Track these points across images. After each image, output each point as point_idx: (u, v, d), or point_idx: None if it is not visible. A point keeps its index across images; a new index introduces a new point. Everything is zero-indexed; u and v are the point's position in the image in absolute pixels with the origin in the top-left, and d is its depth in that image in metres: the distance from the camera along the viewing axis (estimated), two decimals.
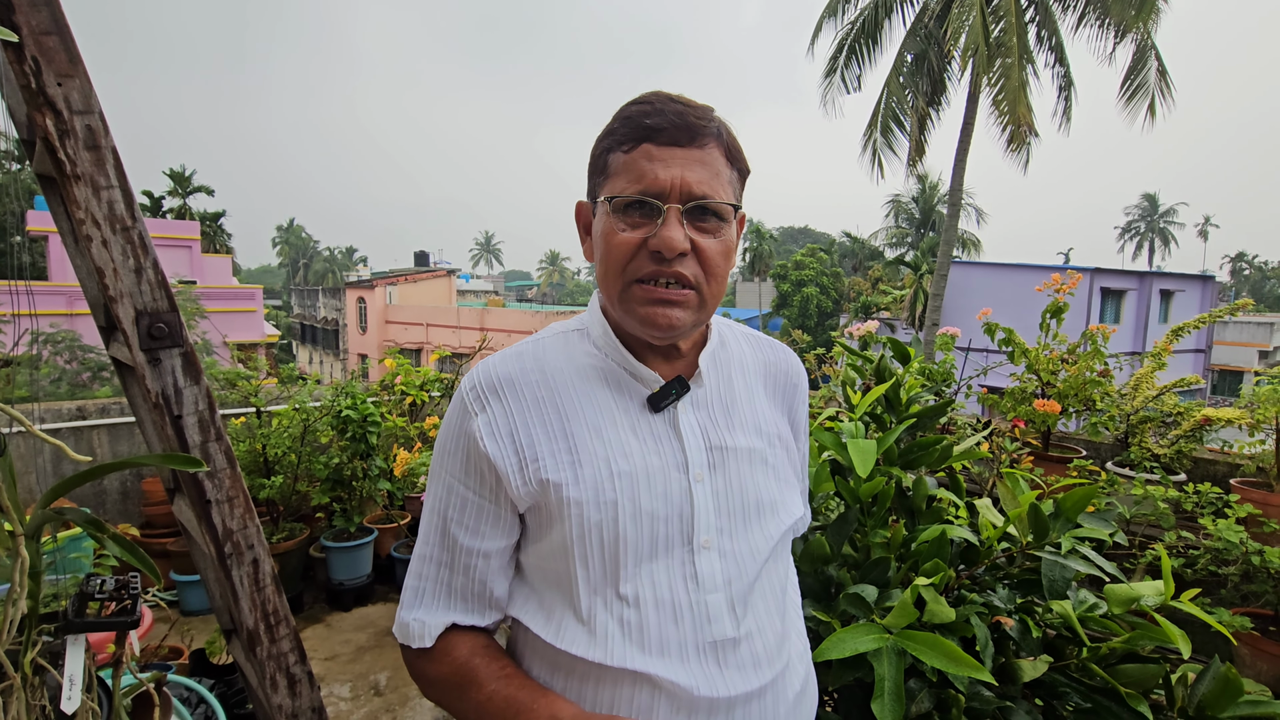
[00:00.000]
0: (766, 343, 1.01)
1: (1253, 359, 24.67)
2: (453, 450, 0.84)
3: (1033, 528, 1.37)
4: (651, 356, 0.86)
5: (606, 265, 0.80)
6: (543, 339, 0.89)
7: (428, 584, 0.85)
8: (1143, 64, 11.11)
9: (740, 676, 0.78)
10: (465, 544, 0.82)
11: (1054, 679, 1.35)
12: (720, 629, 0.78)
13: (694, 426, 0.84)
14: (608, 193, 0.79)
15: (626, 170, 0.77)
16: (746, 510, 0.84)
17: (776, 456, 0.91)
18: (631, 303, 0.79)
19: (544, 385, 0.82)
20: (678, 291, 0.78)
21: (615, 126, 0.79)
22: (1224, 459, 2.96)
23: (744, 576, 0.82)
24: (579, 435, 0.80)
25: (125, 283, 1.24)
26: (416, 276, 30.36)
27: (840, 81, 13.09)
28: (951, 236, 13.01)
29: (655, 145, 0.76)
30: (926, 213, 33.68)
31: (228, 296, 17.36)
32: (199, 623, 3.35)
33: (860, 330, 3.22)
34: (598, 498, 0.77)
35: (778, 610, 0.87)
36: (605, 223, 0.79)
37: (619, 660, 0.75)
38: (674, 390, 0.84)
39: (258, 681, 1.44)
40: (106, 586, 1.15)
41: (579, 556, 0.77)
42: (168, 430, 1.29)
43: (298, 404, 3.72)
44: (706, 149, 0.78)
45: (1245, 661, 2.14)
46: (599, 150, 0.82)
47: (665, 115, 0.76)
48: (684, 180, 0.75)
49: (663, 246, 0.75)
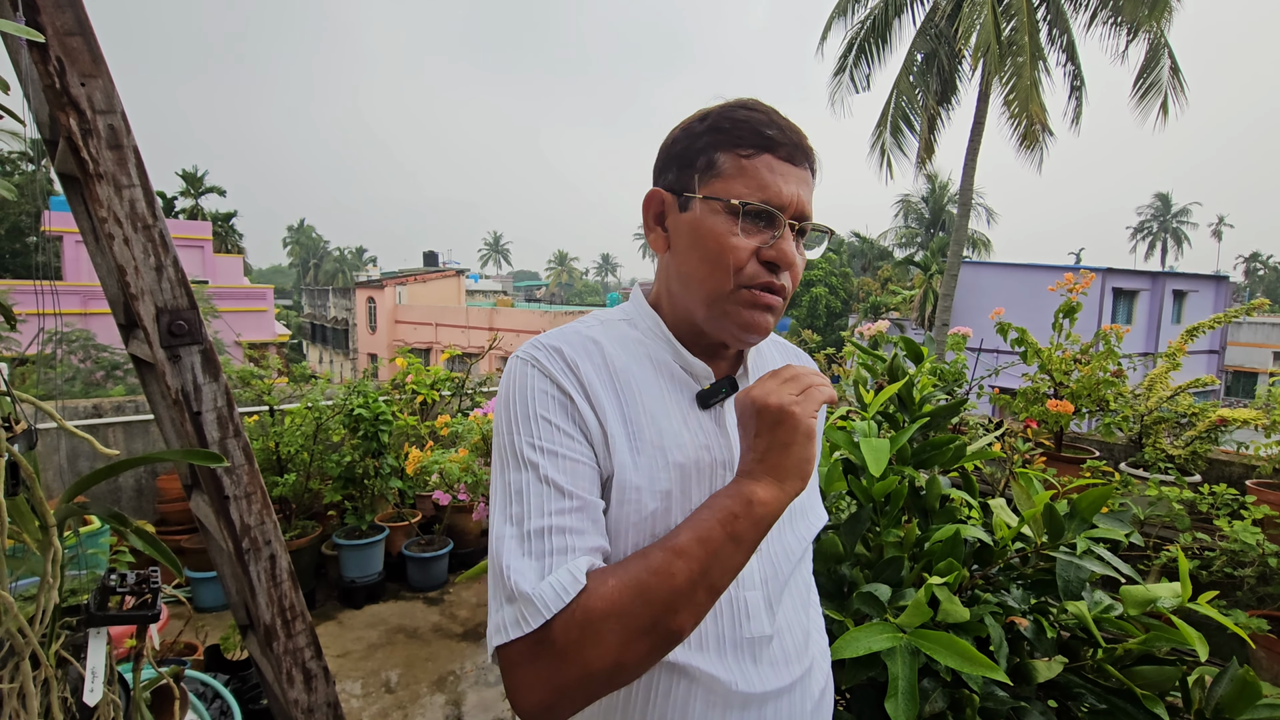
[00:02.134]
0: (791, 349, 1.04)
1: (1267, 360, 24.39)
2: (544, 414, 0.74)
3: (1048, 528, 1.37)
4: (697, 355, 0.87)
5: (715, 264, 0.78)
6: (592, 324, 0.87)
7: (556, 553, 0.68)
8: (1155, 62, 11.01)
9: (773, 673, 0.80)
10: (592, 499, 0.73)
11: (1069, 680, 1.34)
12: (758, 626, 0.80)
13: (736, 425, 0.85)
14: (722, 193, 0.78)
15: (746, 176, 0.77)
16: None
17: None
18: (735, 304, 0.79)
19: (603, 366, 0.81)
20: (776, 299, 0.80)
21: (726, 126, 0.79)
22: (1240, 460, 2.94)
23: (779, 575, 0.83)
24: (635, 420, 0.79)
25: (146, 280, 1.25)
26: (426, 276, 30.49)
27: (849, 81, 13.05)
28: (962, 236, 12.94)
29: (775, 158, 0.78)
30: (936, 212, 33.50)
31: (239, 296, 17.50)
32: (213, 619, 3.38)
33: (871, 330, 3.21)
34: (653, 486, 0.77)
35: (804, 609, 0.90)
36: (715, 222, 0.78)
37: None
38: (724, 389, 0.85)
39: (274, 676, 1.45)
40: (128, 581, 1.16)
41: (632, 545, 0.75)
42: (187, 426, 1.30)
43: (310, 402, 3.75)
44: (808, 172, 0.81)
45: (1261, 664, 2.12)
46: (701, 145, 0.80)
47: (784, 131, 0.78)
48: (799, 199, 0.78)
49: (782, 260, 0.78)
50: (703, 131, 0.80)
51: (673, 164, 0.83)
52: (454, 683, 3.03)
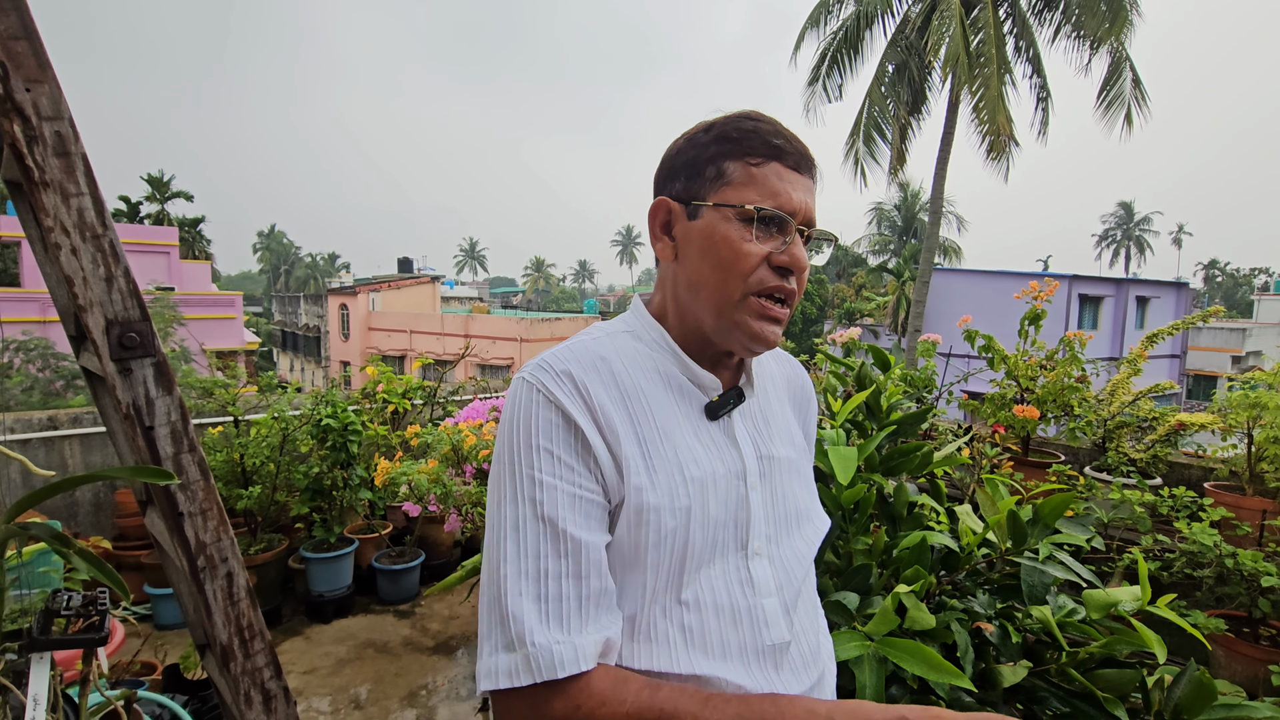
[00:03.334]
0: (785, 358, 1.05)
1: (1226, 364, 25.18)
2: (545, 445, 0.74)
3: (1011, 534, 1.38)
4: (702, 364, 0.86)
5: (728, 270, 0.78)
6: (598, 338, 0.85)
7: (558, 604, 0.69)
8: (1118, 75, 11.34)
9: (794, 678, 0.81)
10: (588, 540, 0.72)
11: (1034, 684, 1.35)
12: (778, 633, 0.80)
13: (745, 436, 0.86)
14: (733, 200, 0.78)
15: (756, 183, 0.78)
16: (789, 518, 0.88)
17: (805, 468, 0.95)
18: (746, 314, 0.79)
19: (613, 384, 0.80)
20: (783, 310, 0.81)
21: (735, 136, 0.80)
22: (1198, 463, 3.02)
23: (793, 582, 0.84)
24: (649, 438, 0.78)
25: (95, 291, 1.21)
26: (400, 283, 30.13)
27: (822, 90, 13.22)
28: (933, 244, 13.16)
29: (784, 166, 0.79)
30: (909, 220, 34.06)
31: (207, 303, 17.13)
32: (173, 637, 3.28)
33: (844, 337, 3.24)
34: (673, 504, 0.76)
35: (815, 613, 0.92)
36: (727, 228, 0.79)
37: (684, 666, 0.74)
38: (732, 399, 0.85)
39: (232, 698, 1.40)
40: (73, 603, 1.12)
41: (652, 565, 0.75)
42: (139, 442, 1.26)
43: (276, 413, 3.67)
44: (813, 181, 0.83)
45: (1220, 663, 2.18)
46: (710, 154, 0.81)
47: (790, 141, 0.80)
48: (807, 206, 0.80)
49: (794, 264, 0.79)
50: (709, 141, 0.81)
51: (680, 173, 0.83)
52: (425, 697, 2.98)
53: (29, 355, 9.94)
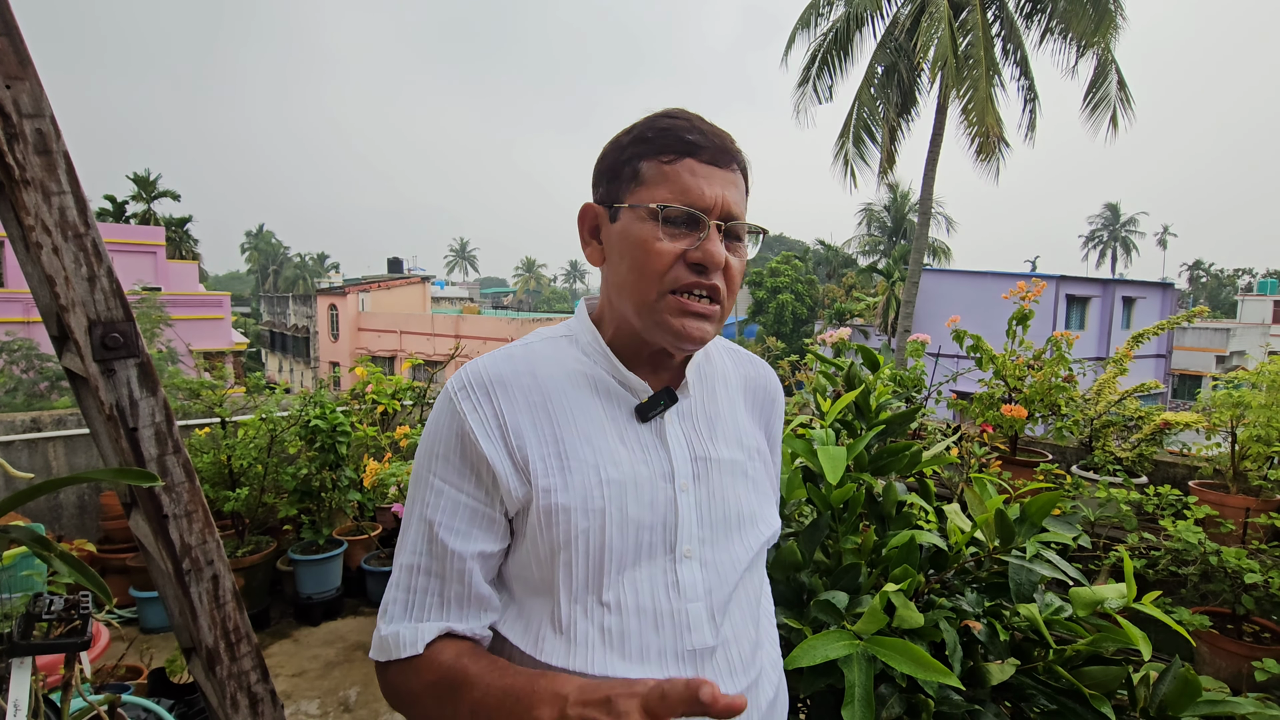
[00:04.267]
0: (746, 357, 1.03)
1: (1210, 364, 25.49)
2: (443, 452, 0.80)
3: (999, 532, 1.39)
4: (640, 367, 0.87)
5: (641, 271, 0.79)
6: (531, 344, 0.88)
7: (418, 596, 0.80)
8: (1104, 78, 11.47)
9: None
10: (458, 549, 0.78)
11: (1021, 681, 1.36)
12: (700, 638, 0.79)
13: (679, 437, 0.85)
14: (645, 200, 0.79)
15: (668, 181, 0.78)
16: (728, 521, 0.86)
17: (756, 469, 0.93)
18: (664, 313, 0.79)
19: (535, 389, 0.82)
20: (708, 306, 0.80)
21: (649, 136, 0.80)
22: (1183, 461, 3.05)
23: (724, 586, 0.82)
24: (569, 441, 0.80)
25: (78, 291, 1.20)
26: (390, 283, 29.99)
27: (813, 92, 13.29)
28: (922, 244, 13.25)
29: (698, 162, 0.78)
30: (898, 221, 34.26)
31: (194, 304, 16.99)
32: (160, 640, 3.25)
33: (834, 337, 3.25)
34: (586, 505, 0.77)
35: (753, 620, 0.89)
36: (640, 229, 0.79)
37: (599, 668, 0.75)
38: (662, 401, 0.85)
39: (218, 701, 1.39)
40: (55, 607, 1.10)
41: (564, 564, 0.77)
42: (123, 443, 1.24)
43: (264, 414, 3.65)
44: (735, 173, 0.82)
45: (1205, 659, 2.20)
46: (626, 156, 0.81)
47: (706, 135, 0.79)
48: (724, 199, 0.79)
49: (708, 260, 0.77)
50: (628, 143, 0.82)
51: (603, 177, 0.84)
52: None
53: (12, 356, 9.82)
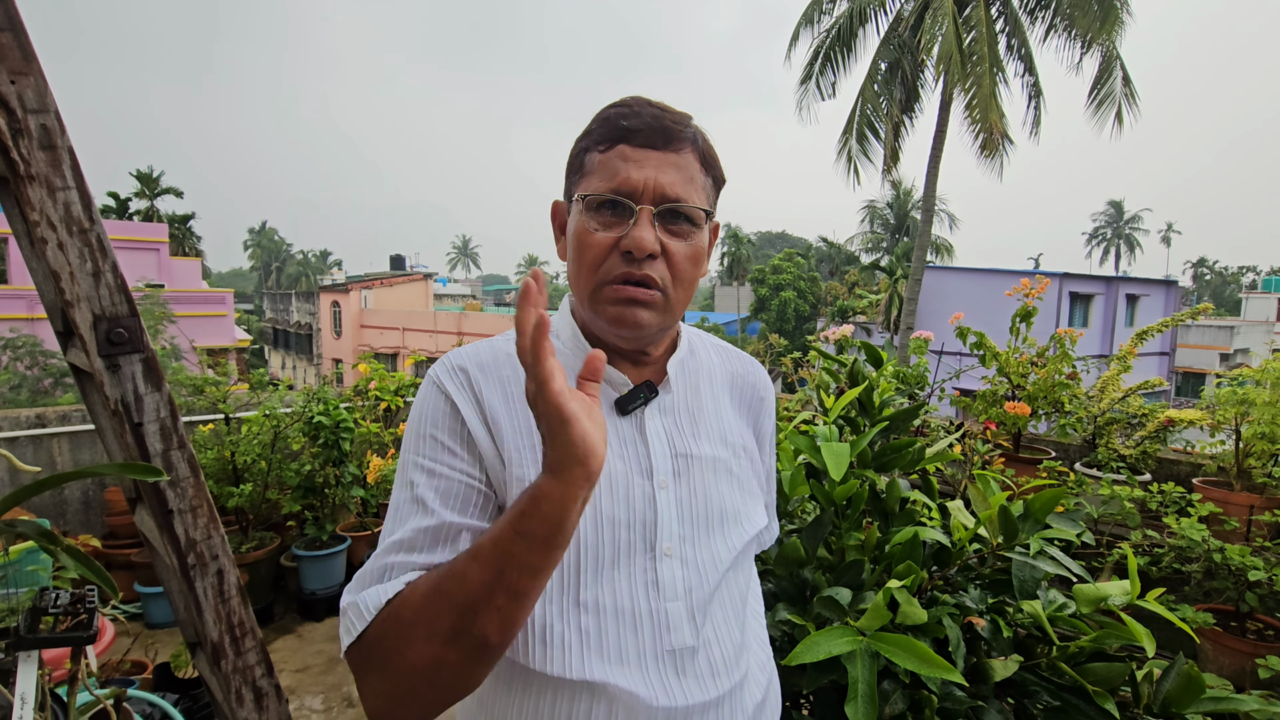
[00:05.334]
0: (735, 354, 1.01)
1: (1214, 362, 25.38)
2: (431, 432, 0.77)
3: (1002, 529, 1.39)
4: (620, 361, 0.86)
5: (579, 265, 0.80)
6: (509, 336, 0.87)
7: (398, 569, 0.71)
8: (1108, 74, 11.41)
9: (698, 686, 0.77)
10: (453, 520, 0.73)
11: (1024, 678, 1.36)
12: (680, 637, 0.77)
13: (660, 432, 0.84)
14: (582, 191, 0.79)
15: (601, 170, 0.78)
16: (710, 519, 0.84)
17: (741, 467, 0.91)
18: (601, 303, 0.79)
19: (513, 380, 0.81)
20: (645, 292, 0.78)
21: (593, 127, 0.80)
22: (1187, 459, 3.04)
23: (704, 585, 0.80)
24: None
25: (83, 287, 1.20)
26: (392, 280, 30.03)
27: (816, 88, 13.24)
28: (925, 242, 13.21)
29: (631, 146, 0.77)
30: (901, 218, 34.18)
31: (197, 300, 17.01)
32: (165, 635, 3.26)
33: (836, 334, 3.25)
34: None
35: (737, 620, 0.86)
36: (578, 221, 0.79)
37: (576, 671, 0.73)
38: (642, 394, 0.84)
39: (223, 696, 1.40)
40: (61, 601, 1.11)
41: None
42: (128, 438, 1.25)
43: (268, 410, 3.65)
44: (681, 153, 0.78)
45: (1208, 656, 2.20)
46: (576, 150, 0.82)
47: (642, 117, 0.77)
48: (657, 182, 0.76)
49: (633, 246, 0.75)
50: (580, 137, 0.83)
51: (566, 174, 0.85)
52: None
53: (17, 353, 9.85)
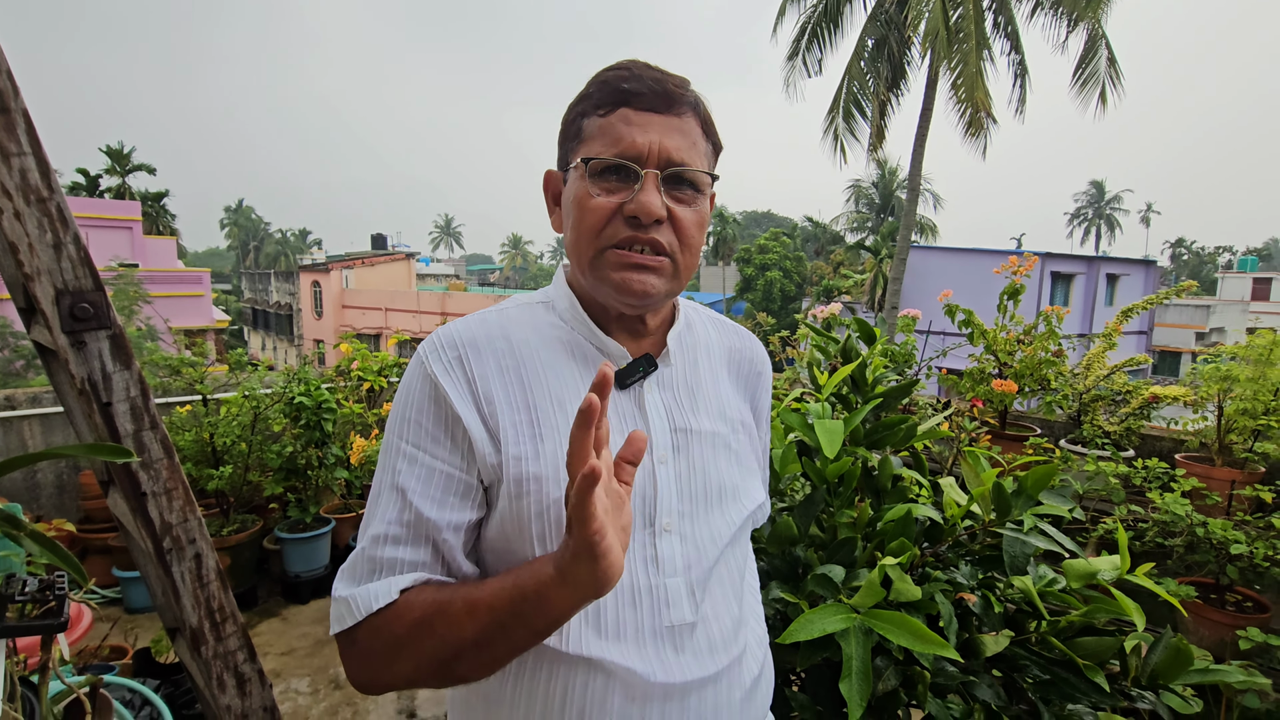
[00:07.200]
0: (732, 328, 0.99)
1: (1190, 340, 25.85)
2: (415, 416, 0.76)
3: (996, 505, 1.38)
4: (618, 332, 0.83)
5: (579, 230, 0.77)
6: (506, 309, 0.85)
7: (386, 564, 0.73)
8: (1094, 53, 11.39)
9: (696, 662, 0.76)
10: (433, 517, 0.73)
11: (1015, 652, 1.37)
12: (679, 613, 0.76)
13: (659, 407, 0.82)
14: (582, 155, 0.76)
15: (603, 134, 0.75)
16: (709, 495, 0.83)
17: (739, 442, 0.90)
18: (605, 269, 0.76)
19: (508, 354, 0.79)
20: (653, 258, 0.76)
21: (590, 91, 0.77)
22: (1169, 435, 3.08)
23: (704, 561, 0.80)
24: (541, 407, 0.77)
25: (43, 259, 1.14)
26: (374, 260, 29.56)
27: (802, 65, 13.11)
28: (910, 221, 13.22)
29: (633, 110, 0.74)
30: (886, 198, 34.22)
31: (173, 280, 16.65)
32: (145, 621, 3.21)
33: (824, 312, 3.23)
34: (558, 474, 0.74)
35: (735, 596, 0.86)
36: (578, 187, 0.76)
37: (574, 646, 0.72)
38: (641, 368, 0.81)
39: (204, 682, 1.36)
40: (29, 588, 1.06)
41: (536, 535, 0.73)
42: (96, 418, 1.20)
43: (247, 391, 3.58)
44: (684, 118, 0.76)
45: (1189, 628, 2.24)
46: (572, 115, 0.79)
47: (643, 81, 0.74)
48: (662, 146, 0.74)
49: (640, 211, 0.73)
50: (576, 102, 0.79)
51: (560, 141, 0.82)
52: None
53: None
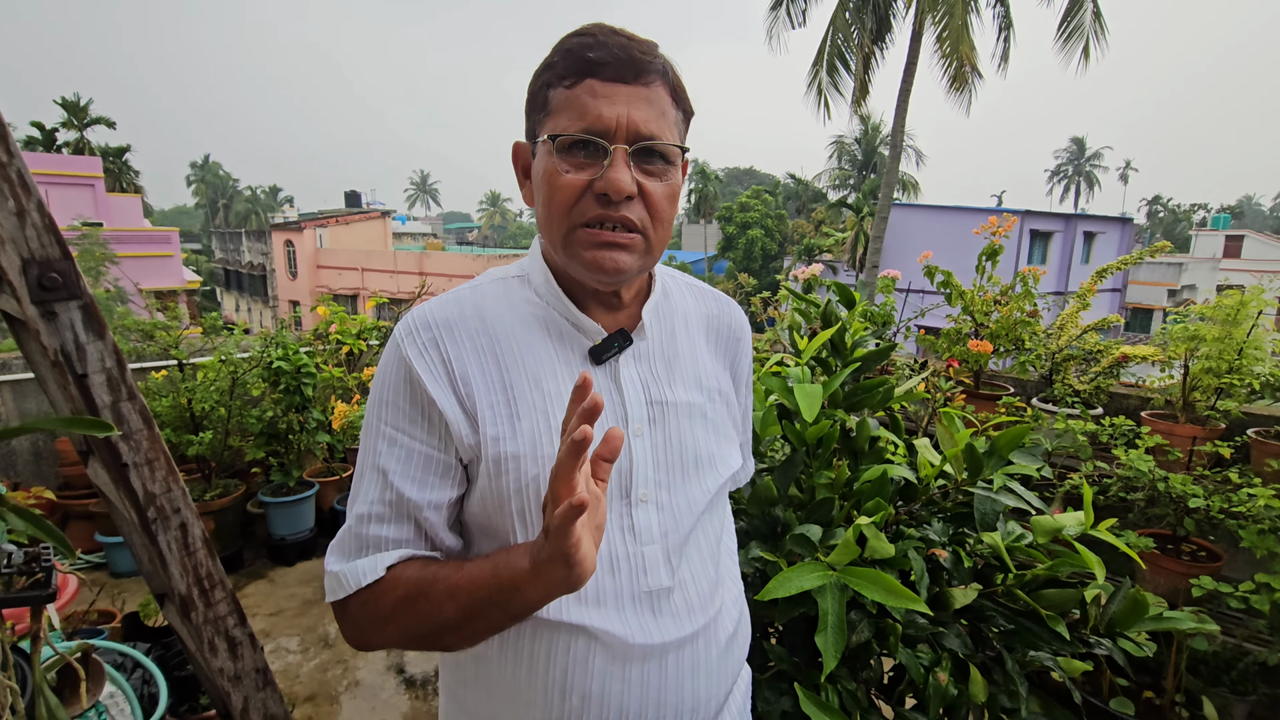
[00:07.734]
0: (710, 294, 0.99)
1: (1162, 297, 26.34)
2: (392, 399, 0.77)
3: (968, 465, 1.43)
4: (593, 306, 0.83)
5: (549, 209, 0.76)
6: (481, 285, 0.85)
7: (373, 541, 0.76)
8: (1079, 6, 11.26)
9: (674, 623, 0.80)
10: (414, 497, 0.76)
11: (982, 604, 1.43)
12: (656, 579, 0.79)
13: (635, 380, 0.83)
14: (549, 130, 0.74)
15: (569, 107, 0.72)
16: (685, 465, 0.84)
17: (716, 411, 0.91)
18: (576, 247, 0.76)
19: (483, 333, 0.79)
20: (624, 235, 0.75)
21: (555, 60, 0.74)
22: (1137, 393, 3.17)
23: (680, 529, 0.82)
24: (518, 386, 0.77)
25: (6, 228, 1.10)
26: (348, 218, 28.85)
27: (786, 15, 12.82)
28: (892, 179, 13.17)
29: (599, 81, 0.72)
30: (868, 155, 33.97)
31: (140, 240, 16.16)
32: (132, 584, 3.23)
33: (805, 273, 3.24)
34: (535, 452, 0.75)
35: (712, 559, 0.89)
36: (547, 163, 0.75)
37: (557, 613, 0.75)
38: (617, 343, 0.82)
39: (195, 646, 1.39)
40: (15, 560, 1.06)
41: (516, 511, 0.76)
42: (71, 390, 1.18)
43: (224, 355, 3.53)
44: (652, 87, 0.74)
45: (1145, 577, 2.35)
46: (537, 85, 0.77)
47: (609, 49, 0.72)
48: (630, 119, 0.72)
49: (610, 189, 0.72)
50: (541, 70, 0.77)
51: (527, 112, 0.80)
52: None
53: None
